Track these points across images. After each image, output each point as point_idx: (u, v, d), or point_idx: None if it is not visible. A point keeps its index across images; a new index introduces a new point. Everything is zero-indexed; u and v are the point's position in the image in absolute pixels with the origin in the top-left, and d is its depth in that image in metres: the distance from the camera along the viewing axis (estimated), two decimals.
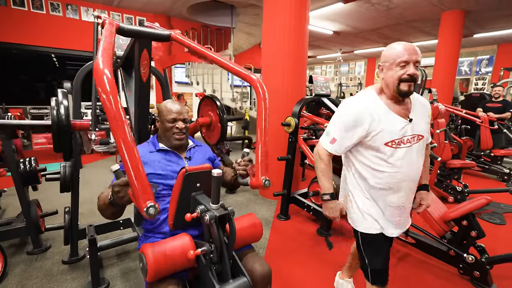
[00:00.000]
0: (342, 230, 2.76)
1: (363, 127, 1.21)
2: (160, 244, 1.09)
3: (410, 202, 1.35)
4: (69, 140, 1.36)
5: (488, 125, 4.53)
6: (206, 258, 1.07)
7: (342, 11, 6.31)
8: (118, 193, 0.95)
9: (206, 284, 1.07)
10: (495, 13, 6.23)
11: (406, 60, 1.16)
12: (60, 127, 1.33)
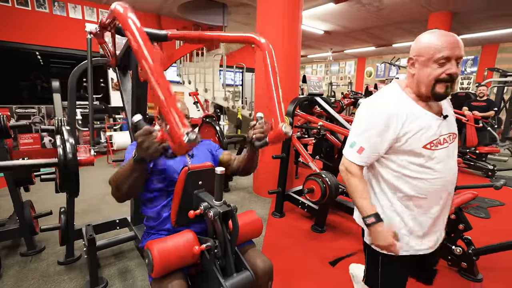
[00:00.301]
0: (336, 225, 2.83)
1: (394, 129, 1.02)
2: (165, 240, 1.11)
3: (448, 210, 1.15)
4: (76, 177, 1.37)
5: (474, 123, 4.69)
6: (210, 253, 1.10)
7: (333, 11, 6.39)
8: (142, 144, 0.87)
9: (210, 278, 1.10)
10: (481, 15, 6.43)
11: (448, 56, 0.95)
12: (67, 166, 1.34)
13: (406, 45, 9.71)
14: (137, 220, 2.26)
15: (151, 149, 0.87)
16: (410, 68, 1.07)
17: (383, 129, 1.03)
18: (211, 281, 1.10)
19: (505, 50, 8.94)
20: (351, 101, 5.41)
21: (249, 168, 1.39)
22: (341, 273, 2.11)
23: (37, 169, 2.26)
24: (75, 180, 1.36)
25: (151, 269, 1.05)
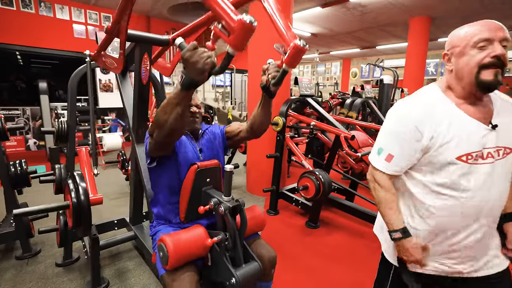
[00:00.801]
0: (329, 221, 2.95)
1: (426, 136, 0.89)
2: (178, 234, 1.17)
3: (490, 238, 0.96)
4: (89, 217, 1.44)
5: None
6: (221, 245, 1.17)
7: (320, 14, 6.57)
8: (191, 58, 0.85)
9: (220, 269, 1.17)
10: (455, 20, 6.82)
11: (488, 37, 0.81)
12: (82, 208, 1.41)
13: (389, 47, 10.08)
14: (137, 220, 2.29)
15: (200, 63, 0.85)
16: (447, 65, 0.92)
17: (414, 136, 0.90)
18: (221, 272, 1.17)
19: None
20: (339, 101, 5.58)
21: (265, 121, 1.33)
22: (338, 267, 2.21)
23: (34, 171, 2.26)
24: (88, 219, 1.44)
25: (165, 262, 1.11)
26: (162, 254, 1.12)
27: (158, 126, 1.03)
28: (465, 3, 5.65)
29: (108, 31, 1.51)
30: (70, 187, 1.44)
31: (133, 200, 2.20)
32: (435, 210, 0.92)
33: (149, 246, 1.90)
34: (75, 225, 1.45)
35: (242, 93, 7.01)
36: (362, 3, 5.80)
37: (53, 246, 2.45)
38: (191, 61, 0.84)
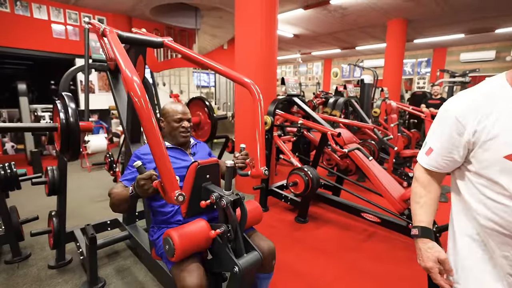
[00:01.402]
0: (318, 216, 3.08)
1: (468, 128, 0.79)
2: (182, 227, 1.23)
3: None
4: (78, 140, 1.43)
5: (431, 119, 5.24)
6: (223, 237, 1.24)
7: (302, 16, 6.73)
8: (143, 186, 1.06)
9: (223, 259, 1.25)
10: (430, 23, 7.21)
11: None
12: (70, 129, 1.40)
13: (368, 48, 10.44)
14: (130, 220, 2.31)
15: (149, 190, 1.07)
16: None
17: (455, 128, 0.81)
18: (224, 262, 1.24)
19: (452, 53, 9.97)
20: (322, 100, 5.75)
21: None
22: (327, 258, 2.33)
23: (24, 174, 2.23)
24: (76, 143, 1.44)
25: (172, 254, 1.17)
26: (168, 247, 1.18)
27: (112, 204, 1.32)
28: (438, 6, 5.99)
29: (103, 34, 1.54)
30: (58, 108, 1.43)
31: None
32: (486, 219, 0.80)
33: (145, 244, 1.93)
34: (63, 148, 1.45)
35: (227, 94, 7.06)
36: (343, 6, 6.01)
37: (43, 249, 2.42)
38: (143, 188, 1.07)
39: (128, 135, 1.96)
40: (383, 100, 5.20)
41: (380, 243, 2.57)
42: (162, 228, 1.43)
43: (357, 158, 2.72)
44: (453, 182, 0.93)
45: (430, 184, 0.95)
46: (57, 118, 1.46)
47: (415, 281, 2.02)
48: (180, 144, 1.55)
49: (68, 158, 1.51)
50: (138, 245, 2.04)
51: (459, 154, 0.85)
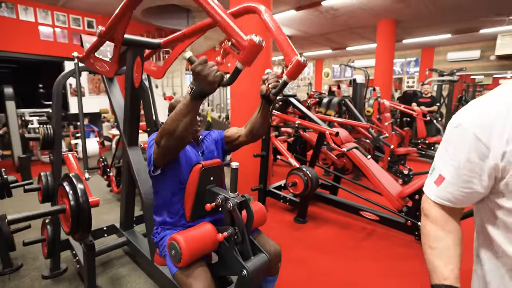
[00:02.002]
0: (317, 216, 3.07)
1: (494, 149, 0.59)
2: (188, 231, 1.20)
3: None
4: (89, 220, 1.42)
5: (422, 117, 5.33)
6: (230, 240, 1.21)
7: (294, 17, 6.76)
8: (202, 71, 0.90)
9: (230, 262, 1.22)
10: (419, 24, 7.36)
11: None
12: (81, 211, 1.38)
13: (359, 48, 10.58)
14: (128, 225, 2.25)
15: (210, 76, 0.90)
16: None
17: (474, 148, 0.61)
18: (231, 265, 1.21)
19: (440, 53, 10.19)
20: (316, 100, 5.77)
21: (264, 126, 1.40)
22: (328, 257, 2.33)
23: (15, 181, 2.15)
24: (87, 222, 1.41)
25: (178, 259, 1.13)
26: (174, 252, 1.15)
27: (167, 134, 1.07)
28: (426, 8, 6.11)
29: (102, 35, 1.49)
30: (66, 190, 1.40)
31: (124, 204, 2.17)
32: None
33: (144, 250, 1.88)
34: (73, 229, 1.41)
35: (220, 96, 7.02)
36: (334, 7, 6.06)
37: (35, 259, 2.33)
38: (203, 74, 0.90)
39: (125, 139, 1.91)
40: (376, 99, 5.27)
41: (380, 240, 2.58)
42: (166, 229, 1.39)
43: (355, 157, 2.73)
44: (476, 219, 0.72)
45: (443, 221, 0.71)
46: (63, 199, 1.43)
47: (416, 278, 2.04)
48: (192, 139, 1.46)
49: (78, 238, 1.48)
50: (137, 251, 1.99)
51: (481, 184, 0.63)
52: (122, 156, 3.39)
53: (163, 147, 1.12)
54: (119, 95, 2.13)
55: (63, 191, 1.45)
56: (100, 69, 1.80)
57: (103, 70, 1.80)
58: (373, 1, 5.75)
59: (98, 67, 1.79)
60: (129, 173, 2.03)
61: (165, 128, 1.07)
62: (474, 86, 10.12)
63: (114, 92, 2.11)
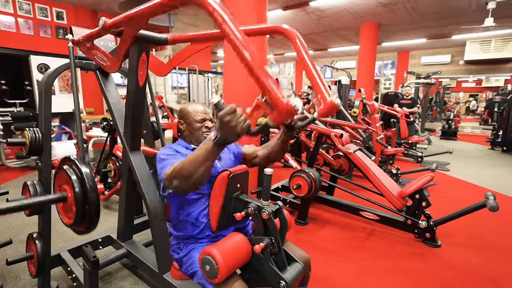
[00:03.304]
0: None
1: None
2: (221, 244, 1.11)
3: None
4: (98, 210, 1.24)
5: (405, 118, 5.52)
6: (266, 250, 1.13)
7: (280, 17, 6.75)
8: (230, 123, 0.86)
9: (266, 274, 1.14)
10: (398, 28, 7.65)
11: None
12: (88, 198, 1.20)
13: (340, 50, 10.82)
14: (127, 235, 2.08)
15: (238, 127, 0.86)
16: None
17: None
18: (267, 277, 1.14)
19: (414, 56, 10.70)
20: (304, 101, 5.79)
21: (281, 155, 1.37)
22: (339, 260, 2.30)
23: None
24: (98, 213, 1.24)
25: (214, 275, 1.04)
26: (210, 267, 1.05)
27: (183, 177, 1.02)
28: (408, 13, 6.36)
29: (106, 28, 1.34)
30: (69, 174, 1.23)
31: (123, 213, 1.99)
32: None
33: (149, 261, 1.74)
34: (78, 220, 1.24)
35: (205, 94, 6.85)
36: (321, 8, 6.12)
37: (18, 278, 2.08)
38: (231, 125, 0.86)
39: (127, 143, 1.75)
40: (361, 100, 5.38)
41: (381, 240, 2.61)
42: (189, 244, 1.28)
43: (356, 158, 2.74)
44: None
45: None
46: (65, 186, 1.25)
47: (420, 274, 2.08)
48: None
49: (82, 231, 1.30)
50: (141, 264, 1.83)
51: None
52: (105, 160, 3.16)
53: (176, 188, 1.07)
54: (116, 94, 1.96)
55: (63, 177, 1.26)
56: (100, 61, 1.62)
57: (102, 63, 1.62)
58: (359, 4, 5.88)
59: (97, 58, 1.61)
60: (130, 180, 1.87)
61: (181, 171, 1.02)
62: (444, 89, 10.73)
63: (110, 90, 1.93)
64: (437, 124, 9.84)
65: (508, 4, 5.69)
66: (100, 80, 1.92)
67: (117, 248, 2.08)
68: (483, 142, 7.72)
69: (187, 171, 1.00)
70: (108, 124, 3.03)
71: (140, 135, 1.80)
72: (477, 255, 2.35)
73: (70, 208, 1.22)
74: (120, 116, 1.85)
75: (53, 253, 1.94)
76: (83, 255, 1.58)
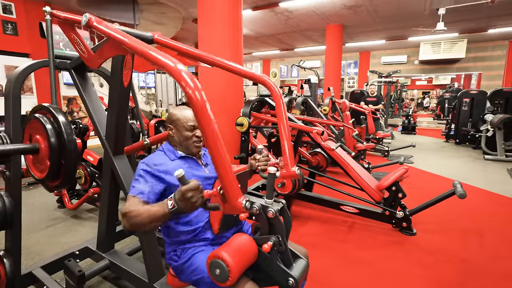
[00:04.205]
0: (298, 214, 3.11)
1: None
2: (228, 245, 1.08)
3: None
4: (75, 163, 1.11)
5: (372, 115, 5.84)
6: (273, 249, 1.12)
7: (249, 17, 6.76)
8: (191, 199, 0.88)
9: (274, 273, 1.14)
10: (361, 29, 8.08)
11: None
12: (64, 149, 1.07)
13: (306, 50, 11.13)
14: (109, 245, 1.95)
15: (197, 203, 0.90)
16: None
17: None
18: (275, 276, 1.13)
19: (375, 56, 11.35)
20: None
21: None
22: (323, 253, 2.36)
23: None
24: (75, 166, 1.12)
25: (225, 278, 1.00)
26: (220, 271, 1.01)
27: (132, 224, 1.03)
28: (371, 16, 6.72)
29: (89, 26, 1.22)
30: (43, 123, 1.10)
31: (105, 221, 1.86)
32: None
33: (137, 272, 1.65)
34: (52, 174, 1.12)
35: (175, 94, 6.65)
36: (289, 9, 6.24)
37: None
38: (191, 200, 0.89)
39: (110, 147, 1.64)
40: (330, 98, 5.58)
41: (362, 231, 2.73)
42: (188, 249, 1.23)
43: (335, 154, 2.83)
44: None
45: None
46: (37, 137, 1.11)
47: (403, 261, 2.21)
48: (193, 154, 1.37)
49: (55, 187, 1.16)
50: (125, 274, 1.73)
51: None
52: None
53: (124, 227, 1.06)
54: (95, 95, 1.83)
55: (36, 126, 1.12)
56: (80, 50, 1.48)
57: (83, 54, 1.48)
58: (325, 6, 6.09)
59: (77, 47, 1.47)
60: (112, 185, 1.76)
61: (132, 219, 1.02)
62: (401, 87, 11.52)
63: (88, 91, 1.80)
64: (397, 120, 10.58)
65: (455, 11, 6.29)
66: (76, 80, 1.77)
67: (98, 259, 1.94)
68: (439, 135, 8.44)
69: (138, 223, 1.00)
70: (78, 127, 2.82)
71: (124, 137, 1.69)
72: (449, 240, 2.55)
73: (42, 161, 1.09)
74: (100, 118, 1.73)
75: (24, 271, 1.75)
76: (66, 270, 1.45)
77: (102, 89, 5.82)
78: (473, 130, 6.55)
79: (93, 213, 3.18)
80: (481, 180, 4.29)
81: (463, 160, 5.68)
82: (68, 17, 1.36)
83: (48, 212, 3.26)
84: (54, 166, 1.06)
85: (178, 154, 1.33)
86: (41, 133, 1.06)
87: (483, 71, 10.11)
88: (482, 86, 9.94)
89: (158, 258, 1.59)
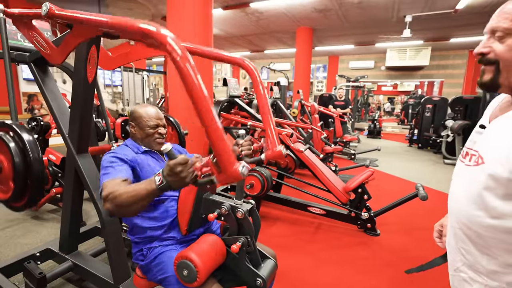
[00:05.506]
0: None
1: None
2: (196, 246, 1.08)
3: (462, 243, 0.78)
4: (42, 182, 1.04)
5: (339, 118, 6.07)
6: (242, 250, 1.14)
7: (220, 16, 6.73)
8: (180, 173, 0.82)
9: (242, 273, 1.15)
10: (330, 33, 8.38)
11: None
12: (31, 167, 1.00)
13: (275, 52, 11.32)
14: (72, 246, 1.85)
15: (188, 178, 0.84)
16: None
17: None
18: (244, 276, 1.14)
19: (343, 61, 11.83)
20: (246, 101, 5.90)
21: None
22: (290, 255, 2.40)
23: None
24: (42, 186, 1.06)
25: (193, 278, 1.00)
26: (188, 272, 1.01)
27: (117, 206, 0.95)
28: (340, 20, 7.01)
29: (49, 15, 1.15)
30: (5, 141, 1.02)
31: (68, 222, 1.77)
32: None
33: (102, 273, 1.59)
34: (17, 194, 1.05)
35: (143, 93, 6.42)
36: (260, 10, 6.31)
37: None
38: (181, 175, 0.83)
39: (73, 145, 1.56)
40: (300, 101, 5.73)
41: (329, 232, 2.81)
42: (154, 248, 1.21)
43: (304, 157, 2.92)
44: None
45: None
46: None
47: (368, 261, 2.30)
48: (157, 150, 1.37)
49: (20, 208, 1.09)
50: (90, 276, 1.65)
51: None
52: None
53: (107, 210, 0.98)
54: (57, 90, 1.73)
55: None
56: (39, 46, 1.39)
57: (44, 51, 1.39)
58: (296, 9, 6.23)
59: (36, 42, 1.38)
60: (76, 185, 1.68)
61: (116, 200, 0.94)
62: (368, 92, 12.12)
63: (49, 86, 1.69)
64: (363, 124, 11.07)
65: (421, 19, 6.74)
66: (37, 74, 1.66)
67: (60, 261, 1.83)
68: (403, 140, 8.95)
69: (124, 203, 0.93)
70: (38, 124, 2.63)
71: (89, 135, 1.62)
72: (410, 239, 2.69)
73: (5, 181, 1.02)
74: (63, 115, 1.64)
75: None
76: (26, 272, 1.36)
77: (65, 86, 5.46)
78: (435, 135, 6.84)
79: (55, 214, 3.00)
80: (440, 182, 4.55)
81: (425, 163, 6.02)
82: (25, 12, 1.27)
83: (6, 212, 3.00)
84: (18, 187, 0.99)
85: (142, 149, 1.33)
86: (4, 152, 0.98)
87: (445, 78, 10.90)
88: (444, 93, 10.66)
89: (123, 259, 1.54)
